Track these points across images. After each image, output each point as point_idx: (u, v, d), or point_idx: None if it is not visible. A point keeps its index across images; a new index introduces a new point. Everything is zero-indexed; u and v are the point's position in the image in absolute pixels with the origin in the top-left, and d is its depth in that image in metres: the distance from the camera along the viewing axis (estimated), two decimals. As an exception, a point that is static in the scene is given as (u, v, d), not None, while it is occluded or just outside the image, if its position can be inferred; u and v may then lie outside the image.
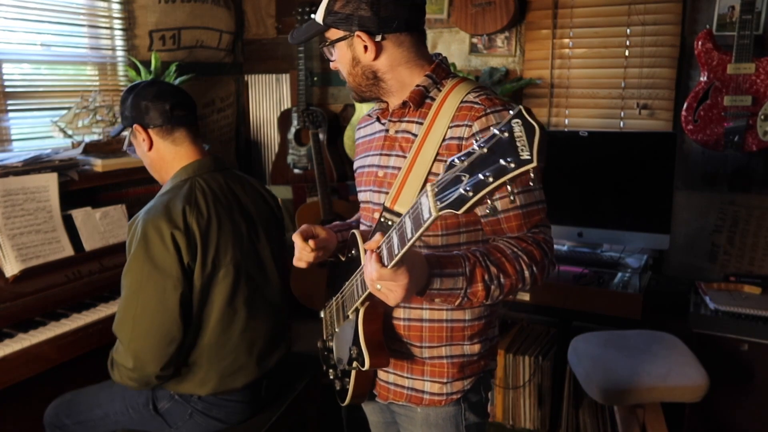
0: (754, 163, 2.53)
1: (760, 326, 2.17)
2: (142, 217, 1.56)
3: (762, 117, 2.29)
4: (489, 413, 1.49)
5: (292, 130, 3.37)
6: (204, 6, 3.21)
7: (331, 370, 1.43)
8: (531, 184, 1.17)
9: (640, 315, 2.24)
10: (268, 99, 3.65)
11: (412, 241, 0.93)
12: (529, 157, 0.75)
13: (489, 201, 0.81)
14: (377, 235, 1.04)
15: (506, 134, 0.77)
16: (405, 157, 1.23)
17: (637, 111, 2.71)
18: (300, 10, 3.23)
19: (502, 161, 0.77)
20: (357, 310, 1.23)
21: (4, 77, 2.41)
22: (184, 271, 1.55)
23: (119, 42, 2.88)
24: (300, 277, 3.10)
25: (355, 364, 1.23)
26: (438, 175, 1.15)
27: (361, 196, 1.38)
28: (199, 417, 1.69)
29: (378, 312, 1.24)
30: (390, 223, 1.18)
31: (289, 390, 1.93)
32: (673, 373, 1.94)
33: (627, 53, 2.71)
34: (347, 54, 1.25)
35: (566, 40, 2.82)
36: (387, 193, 1.24)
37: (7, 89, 2.41)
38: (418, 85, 1.24)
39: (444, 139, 1.17)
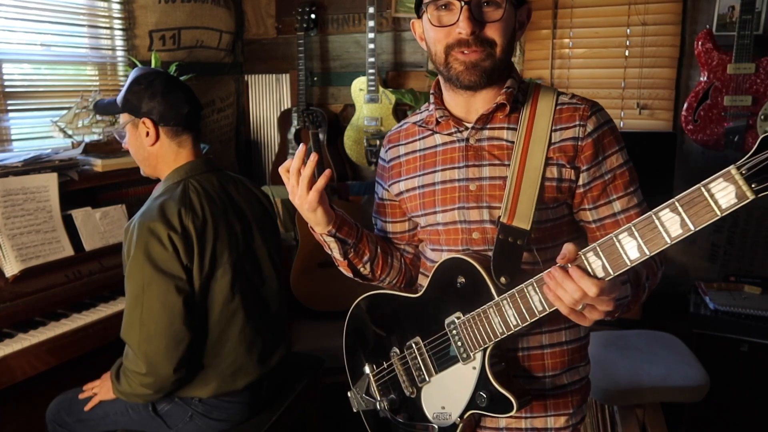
0: (754, 163, 2.52)
1: (760, 326, 2.17)
2: (138, 220, 1.55)
3: (762, 117, 2.29)
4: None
5: (292, 130, 3.37)
6: (204, 6, 3.21)
7: None
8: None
9: (640, 315, 2.24)
10: (268, 99, 3.65)
11: (681, 236, 0.81)
12: None
13: None
14: (570, 246, 0.91)
15: None
16: (503, 165, 1.11)
17: (637, 111, 2.71)
18: (300, 10, 3.23)
19: None
20: (485, 349, 1.08)
21: (4, 77, 2.40)
22: (186, 271, 1.55)
23: (119, 42, 2.88)
24: (300, 277, 3.10)
25: (470, 414, 1.10)
26: (552, 179, 1.09)
27: (438, 218, 1.18)
28: (199, 419, 1.69)
29: (504, 345, 1.11)
30: (511, 240, 1.06)
31: (289, 390, 1.92)
32: (673, 373, 1.94)
33: (627, 53, 2.71)
34: (512, 18, 1.11)
35: (566, 40, 2.82)
36: (488, 207, 1.12)
37: (7, 89, 2.41)
38: (508, 88, 1.14)
39: (551, 143, 1.10)
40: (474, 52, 1.08)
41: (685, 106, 2.45)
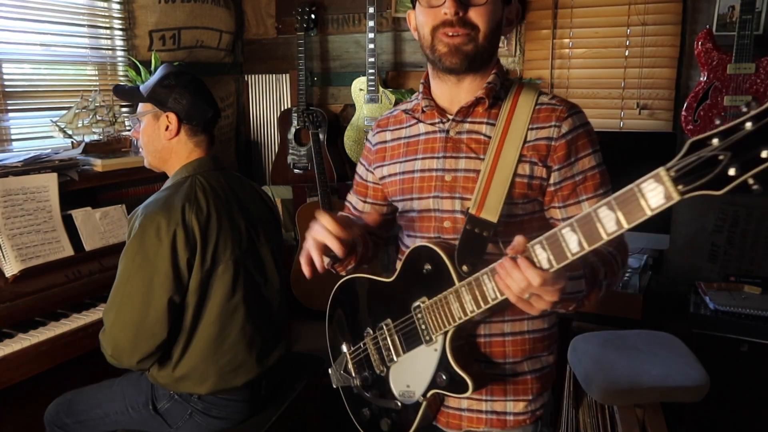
0: (754, 163, 2.52)
1: (760, 326, 2.17)
2: (142, 210, 1.59)
3: (762, 117, 2.29)
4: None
5: (292, 130, 3.37)
6: (204, 6, 3.21)
7: (366, 410, 1.29)
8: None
9: (640, 315, 2.24)
10: (268, 99, 3.65)
11: (615, 232, 0.84)
12: None
13: (753, 180, 0.73)
14: (520, 239, 0.94)
15: None
16: (478, 159, 1.15)
17: (637, 111, 2.71)
18: (300, 10, 3.23)
19: None
20: (446, 333, 1.12)
21: (4, 77, 2.41)
22: (176, 270, 1.56)
23: (119, 42, 2.88)
24: (300, 277, 3.10)
25: (432, 393, 1.14)
26: (524, 176, 1.12)
27: (414, 204, 1.24)
28: (199, 417, 1.69)
29: (465, 330, 1.16)
30: (477, 231, 1.09)
31: (289, 390, 1.93)
32: (673, 373, 1.94)
33: (627, 53, 2.71)
34: (498, 9, 1.16)
35: (566, 40, 2.82)
36: (461, 198, 1.16)
37: (7, 89, 2.41)
38: (489, 83, 1.17)
39: (526, 141, 1.13)
40: (458, 34, 1.12)
41: (685, 106, 2.45)
